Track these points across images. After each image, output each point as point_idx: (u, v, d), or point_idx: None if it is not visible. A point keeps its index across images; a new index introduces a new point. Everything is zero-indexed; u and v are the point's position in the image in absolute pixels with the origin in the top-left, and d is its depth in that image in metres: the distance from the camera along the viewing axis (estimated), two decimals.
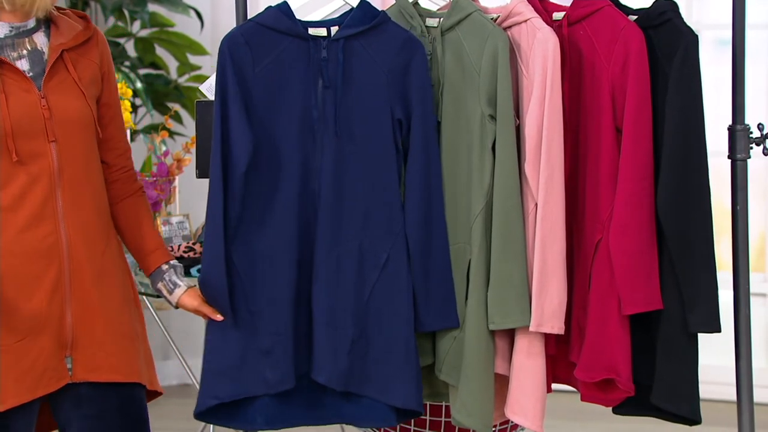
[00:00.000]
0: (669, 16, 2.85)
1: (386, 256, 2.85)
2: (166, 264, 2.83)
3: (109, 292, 2.71)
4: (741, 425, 2.96)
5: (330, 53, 2.85)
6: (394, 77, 2.85)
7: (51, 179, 2.64)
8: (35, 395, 2.62)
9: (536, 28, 2.85)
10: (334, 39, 2.85)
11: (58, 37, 2.70)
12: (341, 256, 2.84)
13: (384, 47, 2.85)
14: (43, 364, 2.63)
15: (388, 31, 2.87)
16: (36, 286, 2.62)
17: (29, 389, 2.62)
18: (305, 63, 2.85)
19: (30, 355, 2.61)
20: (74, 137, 2.68)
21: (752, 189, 3.14)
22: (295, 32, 2.85)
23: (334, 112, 2.83)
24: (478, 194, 2.87)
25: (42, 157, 2.63)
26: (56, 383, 2.65)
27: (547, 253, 2.84)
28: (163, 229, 4.23)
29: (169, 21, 5.50)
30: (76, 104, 2.69)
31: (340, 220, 2.85)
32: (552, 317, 2.84)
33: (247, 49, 2.83)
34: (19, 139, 2.61)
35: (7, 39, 2.67)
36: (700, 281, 2.83)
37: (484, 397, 2.86)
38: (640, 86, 2.83)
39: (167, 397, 5.47)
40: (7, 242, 2.61)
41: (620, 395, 2.91)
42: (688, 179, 2.83)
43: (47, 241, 2.63)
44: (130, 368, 2.72)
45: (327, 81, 2.84)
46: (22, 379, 2.61)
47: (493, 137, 2.86)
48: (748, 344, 2.95)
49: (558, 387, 3.04)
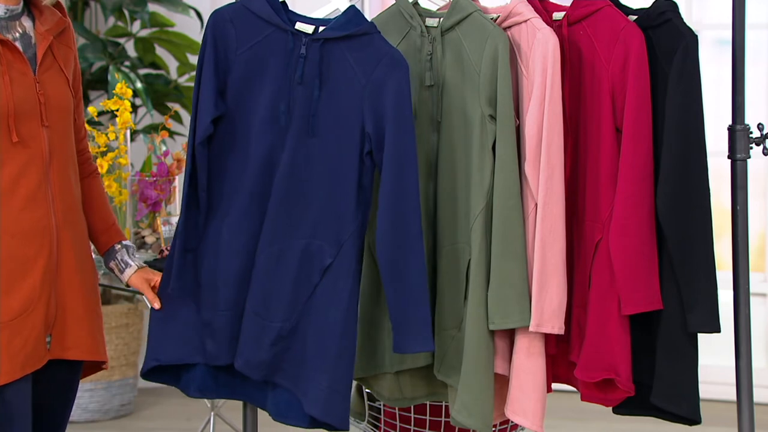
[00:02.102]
0: (669, 16, 2.86)
1: (330, 262, 2.84)
2: (119, 244, 2.91)
3: (88, 275, 2.80)
4: (741, 425, 2.96)
5: (309, 51, 2.84)
6: (372, 90, 2.81)
7: (44, 163, 2.70)
8: (25, 372, 2.68)
9: (536, 28, 2.85)
10: (314, 38, 2.84)
11: (43, 22, 2.75)
12: (283, 251, 2.84)
13: (366, 58, 2.82)
14: (33, 342, 2.69)
15: (374, 44, 2.84)
16: (31, 266, 2.68)
17: (21, 366, 2.68)
18: (283, 56, 2.85)
19: (23, 333, 2.67)
20: (62, 123, 2.74)
21: (752, 189, 3.15)
22: (276, 23, 2.85)
23: (306, 110, 2.83)
24: (478, 194, 2.87)
25: (36, 140, 2.69)
26: (41, 361, 2.72)
27: (547, 253, 2.84)
28: (163, 229, 4.23)
29: (169, 21, 5.50)
30: (64, 91, 2.76)
31: (288, 216, 2.84)
32: (552, 317, 2.84)
33: (232, 27, 2.86)
34: (18, 120, 2.66)
35: (2, 21, 2.71)
36: (699, 281, 2.83)
37: (485, 397, 2.86)
38: (640, 86, 2.83)
39: (167, 397, 5.48)
40: (8, 222, 2.66)
41: (620, 395, 2.91)
42: (688, 179, 2.83)
43: (41, 223, 2.69)
44: (98, 348, 2.82)
45: (300, 77, 2.84)
46: (15, 356, 2.67)
47: (494, 137, 2.86)
48: (748, 344, 2.95)
49: (558, 387, 3.04)
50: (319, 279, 2.84)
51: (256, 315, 2.84)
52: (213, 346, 2.87)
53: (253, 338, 2.84)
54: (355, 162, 2.83)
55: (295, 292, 2.84)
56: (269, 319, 2.84)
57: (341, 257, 2.83)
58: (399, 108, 2.81)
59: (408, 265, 2.82)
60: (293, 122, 2.84)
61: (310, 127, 2.83)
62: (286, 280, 2.84)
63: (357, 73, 2.82)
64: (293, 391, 2.86)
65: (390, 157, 2.80)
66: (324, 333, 2.83)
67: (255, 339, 2.84)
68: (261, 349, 2.84)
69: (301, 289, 2.84)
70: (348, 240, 2.83)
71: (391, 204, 2.81)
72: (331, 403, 2.82)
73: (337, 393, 2.82)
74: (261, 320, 2.84)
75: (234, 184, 2.86)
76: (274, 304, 2.84)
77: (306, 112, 2.83)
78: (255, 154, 2.85)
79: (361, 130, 2.83)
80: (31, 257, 2.68)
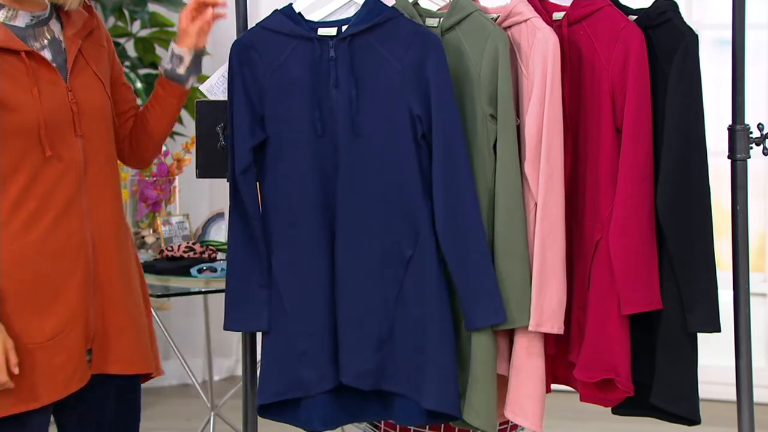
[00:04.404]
0: (669, 16, 2.85)
1: (411, 254, 2.82)
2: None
3: (130, 285, 2.74)
4: (741, 425, 2.96)
5: (338, 53, 2.83)
6: (410, 73, 2.80)
7: (78, 175, 2.63)
8: (68, 392, 2.63)
9: (536, 28, 2.85)
10: (341, 38, 2.83)
11: (71, 25, 2.69)
12: (362, 257, 2.82)
13: (396, 43, 2.81)
14: (75, 362, 2.63)
15: (400, 26, 2.83)
16: (64, 285, 2.62)
17: (63, 386, 2.62)
18: (313, 64, 2.83)
19: (62, 354, 2.61)
20: (98, 131, 2.68)
21: (752, 189, 3.14)
22: (299, 34, 2.84)
23: (348, 111, 2.82)
24: (479, 194, 2.86)
25: (70, 151, 2.62)
26: (84, 380, 2.66)
27: (547, 253, 2.84)
28: (164, 229, 4.23)
29: (169, 21, 5.50)
30: (100, 97, 2.69)
31: (358, 221, 2.82)
32: (551, 317, 2.84)
33: (255, 52, 2.85)
34: (51, 133, 2.59)
35: (28, 29, 2.64)
36: (699, 281, 2.83)
37: (491, 397, 2.85)
38: (640, 86, 2.83)
39: (167, 396, 5.48)
40: (36, 244, 2.60)
41: (620, 395, 2.91)
42: (688, 179, 2.83)
43: (73, 239, 2.62)
44: (144, 360, 2.75)
45: (335, 81, 2.83)
46: (54, 376, 2.61)
47: (494, 137, 2.85)
48: (748, 344, 2.95)
49: (558, 387, 3.04)
50: (403, 274, 2.82)
51: (351, 327, 2.82)
52: (314, 373, 2.83)
53: (355, 349, 2.82)
54: (411, 149, 2.81)
55: (384, 293, 2.82)
56: (366, 326, 2.82)
57: (420, 247, 2.81)
58: (440, 83, 2.78)
59: (467, 238, 2.79)
60: (341, 128, 2.82)
61: (355, 128, 2.82)
62: (371, 284, 2.82)
63: (391, 61, 2.81)
64: (405, 393, 2.84)
65: (437, 134, 2.78)
66: (421, 326, 2.81)
67: (356, 350, 2.82)
68: (365, 357, 2.82)
69: (389, 288, 2.82)
70: (423, 228, 2.81)
71: (443, 181, 2.78)
72: (443, 392, 2.80)
73: (446, 381, 2.80)
74: (357, 330, 2.82)
75: (295, 203, 2.83)
76: (366, 311, 2.82)
77: (348, 113, 2.82)
78: (308, 170, 2.82)
79: (410, 115, 2.81)
80: (63, 276, 2.61)
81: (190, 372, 4.51)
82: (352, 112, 2.81)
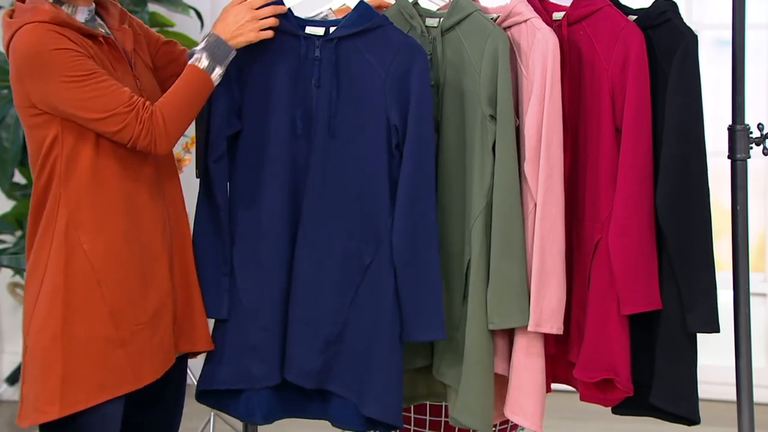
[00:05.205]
0: (669, 16, 2.86)
1: (370, 261, 2.82)
2: None
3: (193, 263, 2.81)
4: (741, 425, 2.96)
5: (323, 53, 2.83)
6: (392, 82, 2.81)
7: (156, 160, 2.72)
8: (164, 370, 2.71)
9: (536, 28, 2.85)
10: (327, 39, 2.83)
11: (111, 19, 2.75)
12: (323, 257, 2.83)
13: (383, 51, 2.82)
14: (168, 341, 2.71)
15: (388, 35, 2.83)
16: (158, 265, 2.69)
17: (162, 365, 2.70)
18: (296, 61, 2.84)
19: (159, 332, 2.69)
20: None
21: (752, 189, 3.14)
22: (287, 30, 2.84)
23: (327, 112, 2.82)
24: (478, 195, 2.87)
25: None
26: (173, 359, 2.74)
27: (547, 253, 2.84)
28: None
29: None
30: (153, 83, 2.77)
31: (323, 221, 2.83)
32: (551, 317, 2.84)
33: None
34: None
35: (89, 23, 2.69)
36: (699, 281, 2.84)
37: (485, 397, 2.86)
38: (639, 86, 2.83)
39: None
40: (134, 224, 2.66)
41: (619, 395, 2.91)
42: (687, 179, 2.83)
43: (161, 220, 2.71)
44: (209, 337, 2.84)
45: (317, 80, 2.83)
46: (155, 355, 2.68)
47: (494, 137, 2.85)
48: (748, 344, 2.95)
49: (558, 387, 3.04)
50: (360, 279, 2.83)
51: (302, 324, 2.82)
52: (262, 367, 2.84)
53: (302, 347, 2.83)
54: (384, 158, 2.82)
55: (339, 296, 2.82)
56: (316, 326, 2.82)
57: (380, 255, 2.82)
58: (420, 96, 2.80)
59: (421, 253, 2.81)
60: (318, 127, 2.83)
61: (332, 129, 2.82)
62: (328, 285, 2.82)
63: (375, 68, 2.82)
64: (347, 396, 2.84)
65: (409, 146, 2.79)
66: (371, 333, 2.82)
67: (304, 348, 2.83)
68: (311, 357, 2.82)
69: (345, 291, 2.82)
70: (385, 237, 2.81)
71: (408, 193, 2.80)
72: (385, 402, 2.81)
73: (390, 391, 2.81)
74: (308, 329, 2.82)
75: (263, 197, 2.84)
76: (319, 311, 2.82)
77: (326, 114, 2.82)
78: (280, 166, 2.83)
79: (387, 124, 2.82)
80: (157, 255, 2.69)
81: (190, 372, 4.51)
82: (330, 114, 2.82)
